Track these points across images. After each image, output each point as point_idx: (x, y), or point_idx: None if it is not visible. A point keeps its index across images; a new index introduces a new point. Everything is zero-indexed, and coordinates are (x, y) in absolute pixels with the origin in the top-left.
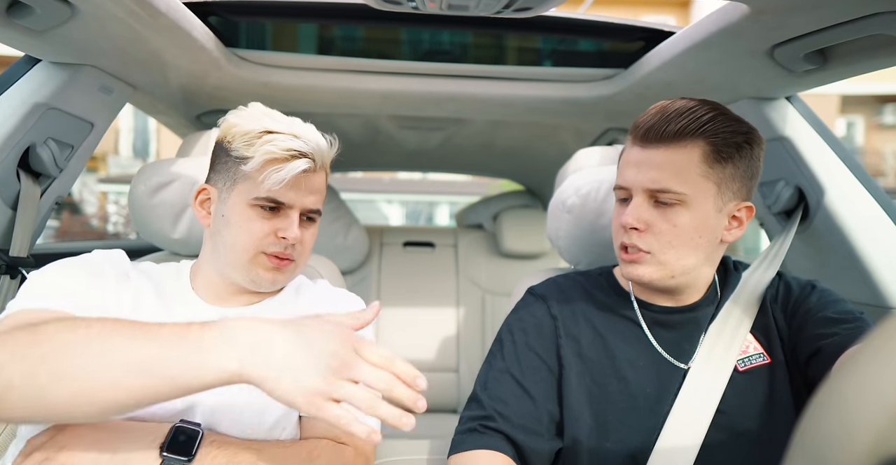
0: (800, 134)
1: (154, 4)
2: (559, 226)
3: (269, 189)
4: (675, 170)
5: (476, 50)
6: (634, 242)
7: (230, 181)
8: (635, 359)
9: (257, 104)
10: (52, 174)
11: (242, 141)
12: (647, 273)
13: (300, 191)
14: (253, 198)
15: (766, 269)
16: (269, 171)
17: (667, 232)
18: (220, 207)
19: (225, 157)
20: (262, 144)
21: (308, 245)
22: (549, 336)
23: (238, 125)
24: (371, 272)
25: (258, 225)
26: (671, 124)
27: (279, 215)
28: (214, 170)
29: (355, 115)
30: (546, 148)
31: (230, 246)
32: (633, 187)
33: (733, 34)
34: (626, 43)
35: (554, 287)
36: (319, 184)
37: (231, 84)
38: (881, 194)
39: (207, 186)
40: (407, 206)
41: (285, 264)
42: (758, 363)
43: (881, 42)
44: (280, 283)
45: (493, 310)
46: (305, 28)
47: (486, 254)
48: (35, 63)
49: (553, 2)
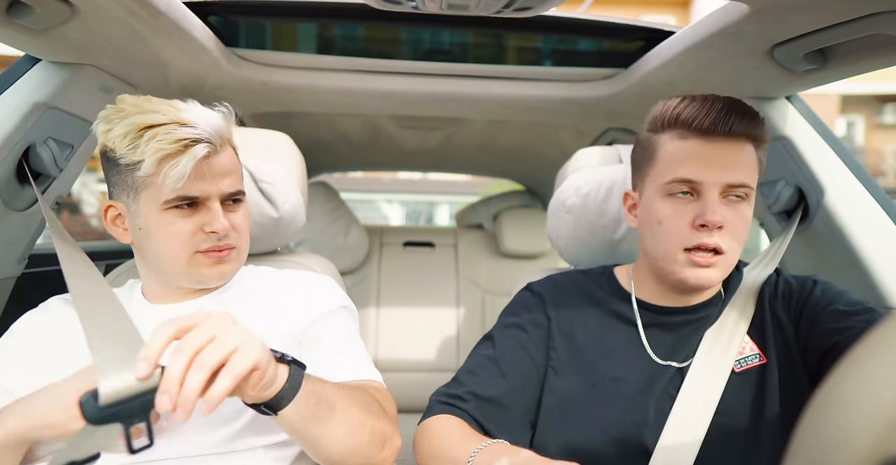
0: (800, 134)
1: (154, 4)
2: (559, 226)
3: (174, 187)
4: (746, 164)
5: (476, 50)
6: (717, 241)
7: (132, 192)
8: (628, 359)
9: (124, 97)
10: (52, 174)
11: (124, 145)
12: (716, 277)
13: (209, 178)
14: (163, 202)
15: (764, 267)
16: (165, 169)
17: (740, 229)
18: (134, 221)
19: (115, 167)
20: (147, 143)
21: (243, 228)
22: (542, 336)
23: (112, 129)
24: (371, 272)
25: (180, 226)
26: (729, 120)
27: (199, 209)
28: (111, 184)
29: (355, 114)
30: (546, 148)
31: (161, 257)
32: (705, 182)
33: (733, 34)
34: (626, 43)
35: (552, 285)
36: (228, 164)
37: (231, 84)
38: (881, 194)
39: (112, 202)
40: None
41: (226, 254)
42: (753, 364)
43: (881, 42)
44: (229, 274)
45: (493, 310)
46: (306, 28)
47: (486, 254)
48: (35, 63)
49: (553, 1)
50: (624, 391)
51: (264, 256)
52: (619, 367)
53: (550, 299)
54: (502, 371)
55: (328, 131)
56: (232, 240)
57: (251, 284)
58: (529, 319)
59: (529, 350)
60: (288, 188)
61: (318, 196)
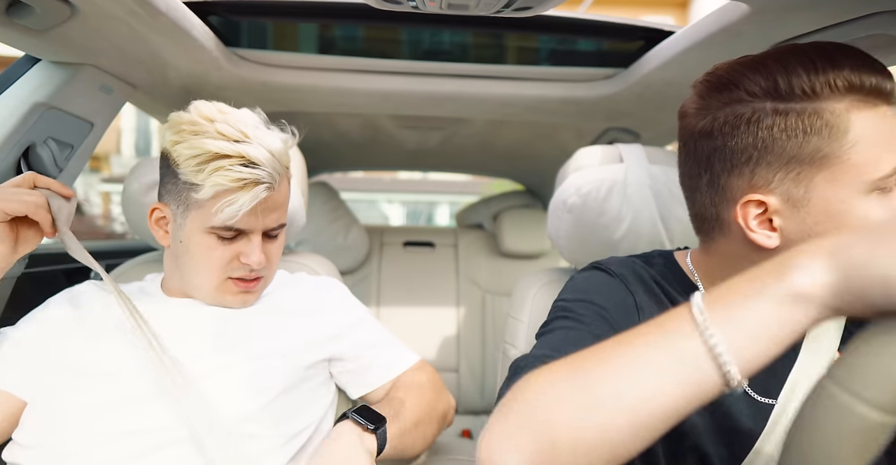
0: None
1: (154, 4)
2: (560, 225)
3: (225, 221)
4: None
5: (476, 49)
6: None
7: (182, 206)
8: None
9: (199, 105)
10: (52, 174)
11: (189, 166)
12: None
13: (258, 215)
14: (209, 227)
15: None
16: (221, 203)
17: None
18: (177, 232)
19: (174, 178)
20: (211, 174)
21: (276, 259)
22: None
23: (181, 143)
24: (371, 272)
25: (218, 252)
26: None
27: (240, 239)
28: (165, 188)
29: (356, 114)
30: (546, 148)
31: (193, 273)
32: None
33: (733, 34)
34: (627, 42)
35: (628, 268)
36: (281, 199)
37: (231, 84)
38: None
39: (160, 204)
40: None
41: (254, 285)
42: None
43: (881, 42)
44: (251, 302)
45: (493, 310)
46: (306, 27)
47: (487, 254)
48: (35, 62)
49: (553, 1)
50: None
51: None
52: None
53: (633, 284)
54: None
55: (328, 131)
56: (263, 271)
57: (270, 289)
58: (617, 300)
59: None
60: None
61: (318, 196)
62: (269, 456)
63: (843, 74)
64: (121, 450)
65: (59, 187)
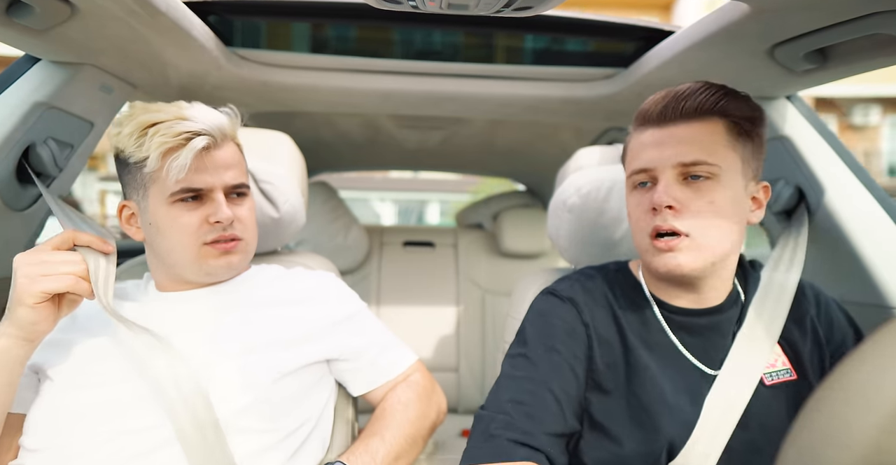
0: (800, 133)
1: (154, 3)
2: (560, 225)
3: (178, 179)
4: (703, 142)
5: (476, 49)
6: (671, 223)
7: (141, 189)
8: (665, 367)
9: (136, 104)
10: (52, 174)
11: (132, 144)
12: (686, 262)
13: (212, 170)
14: (168, 195)
15: (787, 271)
16: (168, 162)
17: (705, 210)
18: (144, 217)
19: (126, 167)
20: (151, 138)
21: (248, 221)
22: (582, 346)
23: (121, 131)
24: (371, 272)
25: (186, 219)
26: (689, 101)
27: (204, 202)
28: (124, 184)
29: (355, 114)
30: (546, 148)
31: (170, 250)
32: (657, 167)
33: (733, 33)
34: (626, 42)
35: (580, 288)
36: (231, 158)
37: (231, 83)
38: (881, 194)
39: (126, 202)
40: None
41: (233, 245)
42: (784, 379)
43: (881, 41)
44: (236, 266)
45: (493, 310)
46: (305, 27)
47: (486, 254)
48: (35, 62)
49: (553, 1)
50: (670, 402)
51: (264, 256)
52: (659, 375)
53: (583, 305)
54: (559, 402)
55: (328, 131)
56: (238, 231)
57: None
58: (566, 329)
59: (575, 368)
60: (288, 188)
61: (318, 196)
62: (269, 452)
63: None
64: (127, 448)
65: (99, 245)
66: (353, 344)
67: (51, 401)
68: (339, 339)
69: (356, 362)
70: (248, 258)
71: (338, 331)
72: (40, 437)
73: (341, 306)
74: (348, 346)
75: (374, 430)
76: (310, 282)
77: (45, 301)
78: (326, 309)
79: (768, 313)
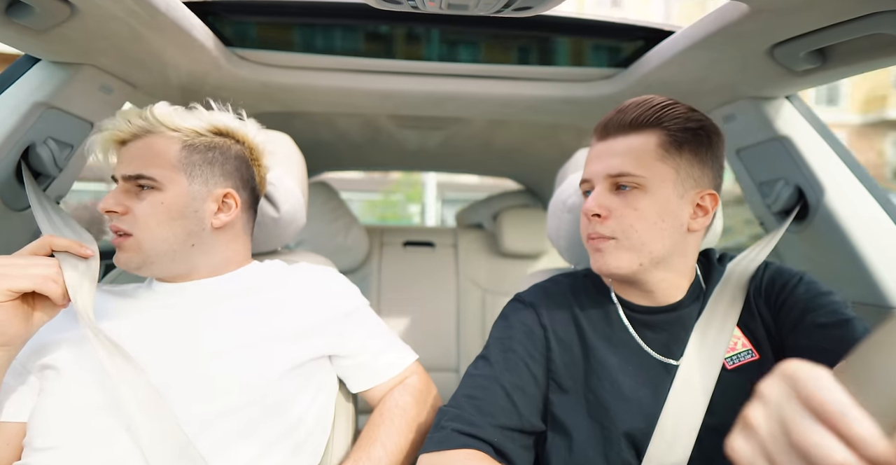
0: (800, 133)
1: (154, 4)
2: (560, 225)
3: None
4: (632, 155)
5: (476, 49)
6: (598, 229)
7: None
8: (625, 363)
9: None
10: (52, 174)
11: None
12: (614, 262)
13: (121, 162)
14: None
15: (751, 261)
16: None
17: (628, 216)
18: None
19: None
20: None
21: (142, 217)
22: (540, 347)
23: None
24: (371, 272)
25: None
26: (626, 115)
27: None
28: None
29: (355, 114)
30: (546, 148)
31: None
32: (593, 178)
33: (733, 34)
34: (626, 42)
35: (542, 294)
36: (141, 150)
37: (231, 84)
38: (881, 194)
39: None
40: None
41: (121, 240)
42: (746, 360)
43: (881, 41)
44: (124, 262)
45: (493, 310)
46: (305, 27)
47: (486, 254)
48: (35, 62)
49: (553, 1)
50: (628, 396)
51: (264, 256)
52: (618, 371)
53: (543, 308)
54: (511, 399)
55: (328, 131)
56: (124, 225)
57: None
58: (524, 331)
59: (532, 368)
60: (288, 188)
61: (318, 196)
62: (270, 449)
63: None
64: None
65: (77, 249)
66: (354, 340)
67: (64, 399)
68: (340, 334)
69: (356, 359)
70: (140, 259)
71: (339, 326)
72: (49, 435)
73: (345, 300)
74: (350, 342)
75: (374, 436)
76: (314, 278)
77: (11, 300)
78: (330, 303)
79: (726, 301)
